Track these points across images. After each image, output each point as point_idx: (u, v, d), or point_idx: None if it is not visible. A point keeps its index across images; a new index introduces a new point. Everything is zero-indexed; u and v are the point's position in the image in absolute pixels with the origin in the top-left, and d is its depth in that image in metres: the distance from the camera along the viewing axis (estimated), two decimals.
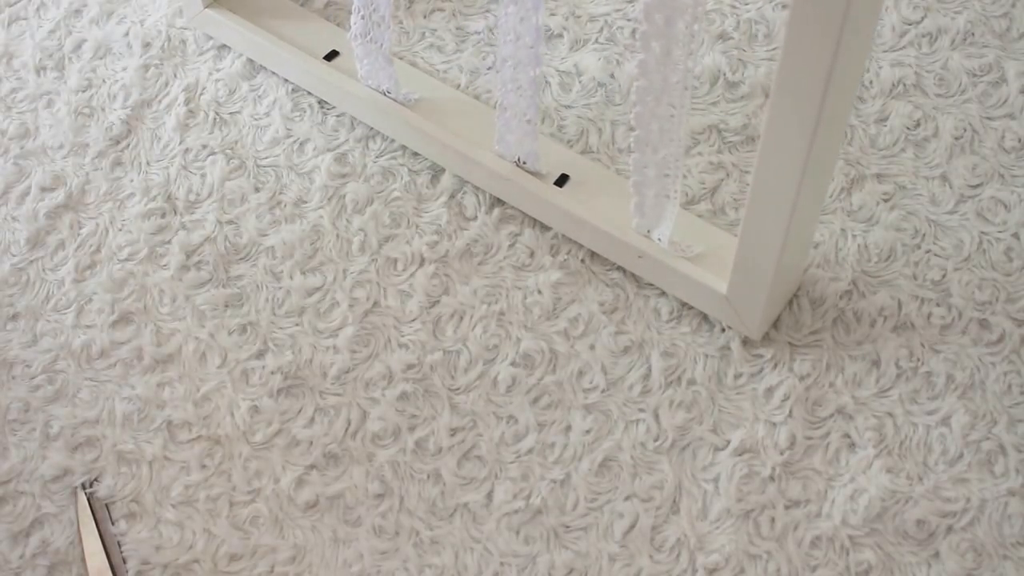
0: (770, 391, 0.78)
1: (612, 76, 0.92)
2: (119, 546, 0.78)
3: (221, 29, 0.97)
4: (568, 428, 0.79)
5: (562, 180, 0.85)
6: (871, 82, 0.90)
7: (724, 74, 0.91)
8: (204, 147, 0.93)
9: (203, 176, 0.92)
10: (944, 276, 0.81)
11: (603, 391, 0.80)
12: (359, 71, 0.89)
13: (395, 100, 0.89)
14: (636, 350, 0.81)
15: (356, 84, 0.90)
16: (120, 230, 0.90)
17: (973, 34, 0.91)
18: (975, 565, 0.72)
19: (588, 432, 0.78)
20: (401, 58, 0.95)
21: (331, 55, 0.93)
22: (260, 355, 0.84)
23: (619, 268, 0.84)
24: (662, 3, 0.65)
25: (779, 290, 0.77)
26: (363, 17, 0.85)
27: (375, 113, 0.90)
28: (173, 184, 0.92)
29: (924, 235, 0.83)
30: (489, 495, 0.77)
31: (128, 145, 0.94)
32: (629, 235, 0.81)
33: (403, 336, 0.83)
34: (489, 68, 0.94)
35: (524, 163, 0.84)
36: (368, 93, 0.90)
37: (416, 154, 0.90)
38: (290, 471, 0.79)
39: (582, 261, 0.84)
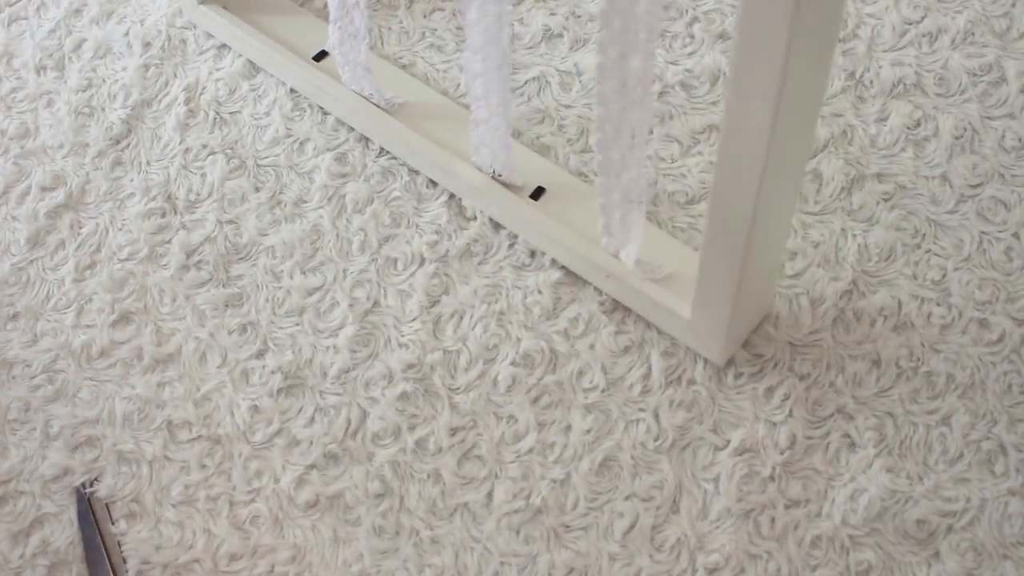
0: (770, 391, 0.78)
1: None
2: (119, 546, 0.78)
3: (214, 25, 0.97)
4: (568, 428, 0.79)
5: (538, 193, 0.84)
6: (871, 82, 0.90)
7: (724, 74, 0.91)
8: (204, 147, 0.93)
9: (203, 176, 0.92)
10: (944, 276, 0.81)
11: (603, 391, 0.80)
12: (342, 76, 0.89)
13: (377, 105, 0.89)
14: (636, 350, 0.81)
15: (340, 87, 0.90)
16: (120, 230, 0.90)
17: (973, 34, 0.91)
18: (975, 565, 0.72)
19: (588, 432, 0.78)
20: (400, 58, 0.95)
21: (320, 55, 0.93)
22: (260, 355, 0.84)
23: None
24: (615, 37, 0.65)
25: (743, 315, 0.76)
26: (340, 28, 0.85)
27: (359, 116, 0.91)
28: (173, 184, 0.92)
29: (924, 235, 0.83)
30: (489, 495, 0.77)
31: (128, 145, 0.94)
32: (597, 254, 0.80)
33: (403, 336, 0.83)
34: None
35: (499, 175, 0.84)
36: (352, 97, 0.90)
37: None
38: (290, 471, 0.79)
39: None
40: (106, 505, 0.80)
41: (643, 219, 0.76)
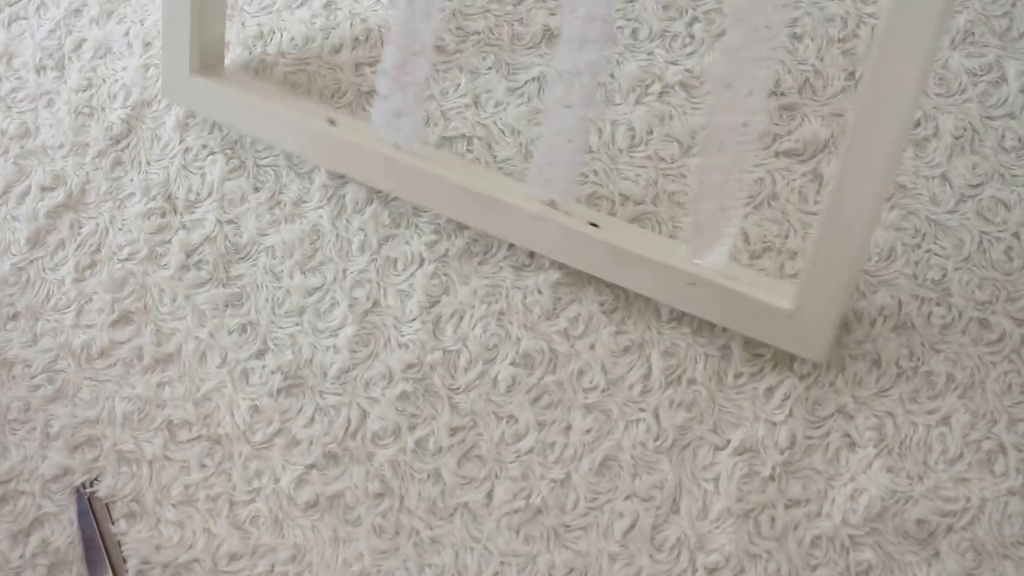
0: (770, 390, 0.78)
1: (612, 76, 0.92)
2: (119, 546, 0.78)
3: (207, 99, 0.91)
4: (568, 428, 0.79)
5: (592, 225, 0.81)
6: None
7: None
8: (204, 147, 0.93)
9: (203, 176, 0.92)
10: (944, 275, 0.81)
11: (603, 391, 0.80)
12: (373, 116, 0.84)
13: (407, 152, 0.84)
14: (636, 350, 0.81)
15: (360, 143, 0.85)
16: (120, 230, 0.90)
17: (973, 33, 0.91)
18: (975, 565, 0.72)
19: (588, 432, 0.78)
20: None
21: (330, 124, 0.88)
22: (260, 355, 0.84)
23: None
24: None
25: (843, 309, 0.73)
26: (400, 48, 0.80)
27: (382, 171, 0.85)
28: (173, 184, 0.92)
29: (924, 234, 0.83)
30: (489, 495, 0.77)
31: (128, 145, 0.94)
32: (680, 262, 0.77)
33: (403, 336, 0.83)
34: (489, 68, 0.94)
35: (555, 204, 0.81)
36: (374, 150, 0.84)
37: None
38: (290, 471, 0.79)
39: None
40: (106, 505, 0.80)
41: (741, 213, 0.72)
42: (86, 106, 0.97)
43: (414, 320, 0.84)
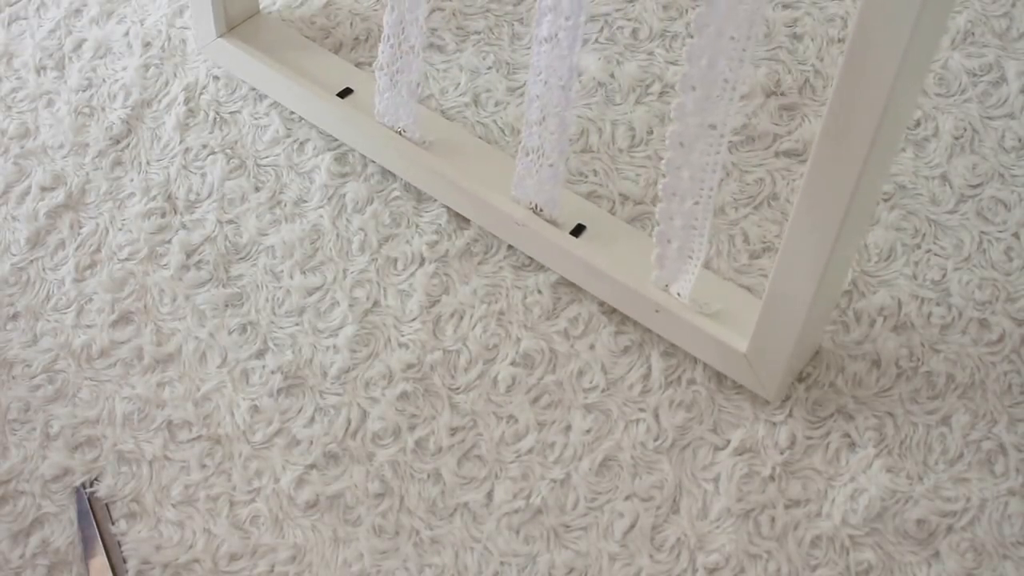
0: None
1: (612, 76, 0.92)
2: (119, 546, 0.78)
3: (233, 61, 0.95)
4: (568, 428, 0.79)
5: (578, 230, 0.82)
6: None
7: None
8: (204, 147, 0.93)
9: (203, 175, 0.92)
10: (944, 276, 0.81)
11: (603, 391, 0.80)
12: (376, 106, 0.87)
13: (410, 140, 0.87)
14: (636, 350, 0.81)
15: (370, 121, 0.88)
16: (120, 230, 0.90)
17: (973, 34, 0.91)
18: (975, 565, 0.72)
19: (588, 432, 0.78)
20: None
21: (344, 92, 0.90)
22: (260, 355, 0.84)
23: None
24: (706, 45, 0.63)
25: (801, 350, 0.75)
26: (392, 46, 0.82)
27: (387, 152, 0.88)
28: (173, 184, 0.92)
29: (924, 235, 0.83)
30: (489, 495, 0.77)
31: (128, 145, 0.94)
32: (646, 288, 0.78)
33: (403, 336, 0.83)
34: (489, 68, 0.94)
35: (541, 210, 0.82)
36: (382, 132, 0.87)
37: None
38: (290, 471, 0.79)
39: None
40: (106, 505, 0.80)
41: (704, 248, 0.74)
42: (86, 106, 0.97)
43: (414, 320, 0.84)
